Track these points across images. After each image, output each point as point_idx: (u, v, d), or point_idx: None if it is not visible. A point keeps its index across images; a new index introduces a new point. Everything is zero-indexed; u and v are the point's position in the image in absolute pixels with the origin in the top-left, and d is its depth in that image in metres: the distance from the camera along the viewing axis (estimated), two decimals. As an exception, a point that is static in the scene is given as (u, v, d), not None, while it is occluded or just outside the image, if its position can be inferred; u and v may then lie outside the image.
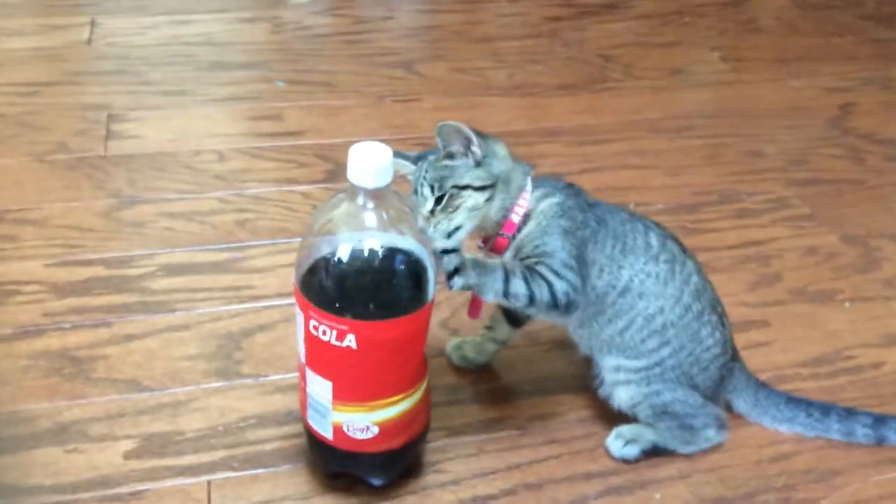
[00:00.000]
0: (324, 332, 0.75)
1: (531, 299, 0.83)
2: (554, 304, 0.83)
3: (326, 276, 0.75)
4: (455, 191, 0.83)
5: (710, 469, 0.90)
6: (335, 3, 1.84)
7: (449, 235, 0.83)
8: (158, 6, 1.74)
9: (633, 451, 0.90)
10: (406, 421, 0.81)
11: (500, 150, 0.87)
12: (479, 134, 0.85)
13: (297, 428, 0.89)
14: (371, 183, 0.73)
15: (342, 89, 1.52)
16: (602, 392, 0.91)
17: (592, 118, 1.48)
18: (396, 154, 0.85)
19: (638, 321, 0.86)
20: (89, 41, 1.62)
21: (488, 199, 0.84)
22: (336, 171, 1.30)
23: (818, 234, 1.24)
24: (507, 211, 0.86)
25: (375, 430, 0.80)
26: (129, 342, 1.00)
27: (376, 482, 0.85)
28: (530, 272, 0.83)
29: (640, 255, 0.87)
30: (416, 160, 0.87)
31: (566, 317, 0.86)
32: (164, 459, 0.87)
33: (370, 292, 0.75)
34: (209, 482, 0.85)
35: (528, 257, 0.85)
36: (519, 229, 0.86)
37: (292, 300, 0.78)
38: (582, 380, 0.96)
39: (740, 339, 1.02)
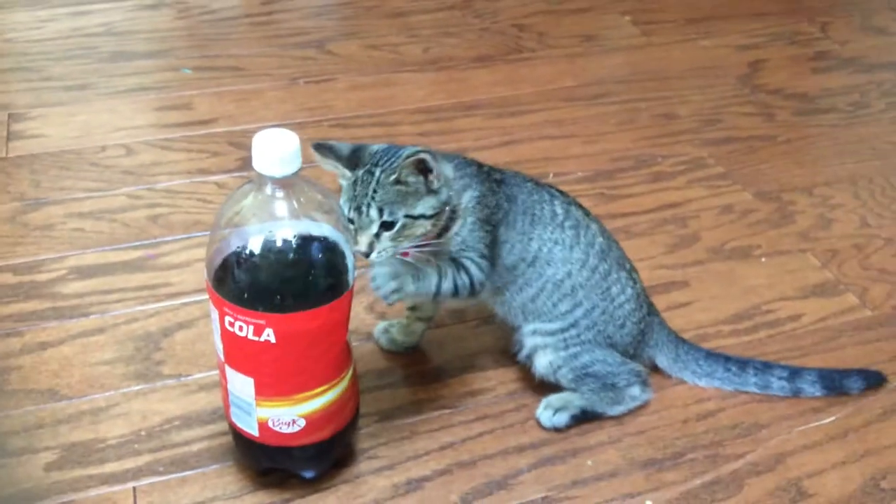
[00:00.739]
0: (240, 328, 0.73)
1: (456, 292, 0.86)
2: (472, 293, 0.87)
3: (239, 269, 0.73)
4: (408, 220, 0.80)
5: (640, 431, 0.91)
6: (241, -16, 1.79)
7: (388, 257, 0.82)
8: (55, -2, 1.67)
9: (562, 418, 0.90)
10: (333, 411, 0.80)
11: (448, 170, 0.85)
12: (436, 157, 0.82)
13: (223, 426, 0.87)
14: (278, 171, 0.71)
15: (253, 73, 1.48)
16: (522, 358, 0.92)
17: (509, 89, 1.47)
18: (325, 147, 0.82)
19: (548, 287, 0.88)
20: (-17, 38, 1.54)
21: (435, 224, 0.83)
22: (250, 159, 1.25)
23: (733, 192, 1.26)
24: (442, 224, 0.84)
25: (302, 422, 0.78)
26: (43, 350, 0.96)
27: (308, 474, 0.83)
28: (455, 266, 0.86)
29: (546, 225, 0.89)
30: (351, 157, 0.82)
31: (475, 298, 0.89)
32: (88, 469, 0.85)
33: (286, 284, 0.74)
34: (135, 489, 0.83)
35: (453, 253, 0.86)
36: (446, 227, 0.84)
37: (207, 297, 0.76)
38: (511, 354, 0.97)
39: (662, 301, 1.04)
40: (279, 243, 0.73)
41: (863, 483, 0.87)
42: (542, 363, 0.91)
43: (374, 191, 0.80)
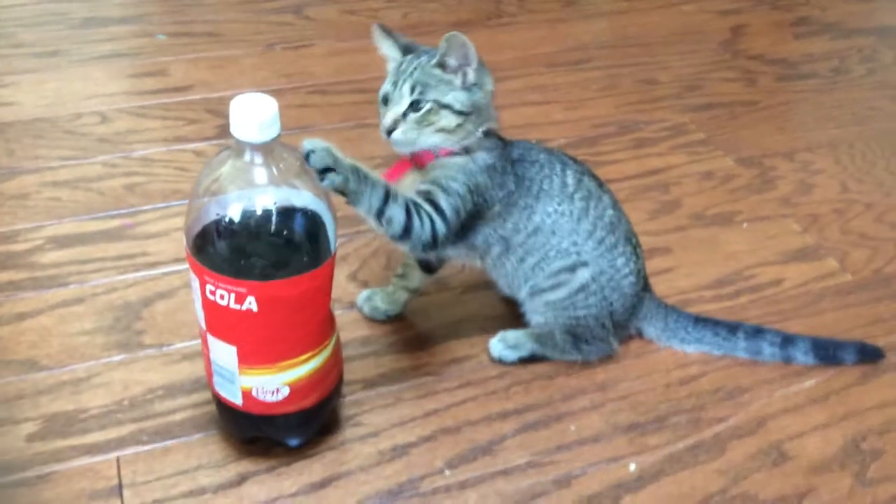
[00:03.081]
0: (221, 297, 0.72)
1: (406, 231, 0.80)
2: (431, 244, 0.82)
3: (219, 238, 0.72)
4: (435, 106, 0.82)
5: (622, 397, 0.91)
6: (216, -52, 1.75)
7: (407, 143, 0.83)
8: (24, -39, 1.62)
9: (511, 355, 0.93)
10: (317, 378, 0.79)
11: (489, 84, 0.86)
12: (480, 60, 0.84)
13: (207, 395, 0.86)
14: (257, 137, 0.70)
15: (229, 39, 1.45)
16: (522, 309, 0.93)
17: (490, 55, 1.43)
18: (387, 29, 0.86)
19: (550, 255, 0.88)
20: (-50, 3, 1.51)
21: (459, 126, 0.83)
22: (228, 127, 1.23)
23: (714, 157, 1.26)
24: (459, 144, 0.84)
25: (286, 391, 0.78)
26: (21, 321, 0.95)
27: (293, 442, 0.83)
28: (416, 206, 0.81)
29: (553, 197, 0.88)
30: (405, 49, 0.86)
31: (425, 254, 0.88)
32: (69, 439, 0.84)
33: (267, 251, 0.73)
34: (118, 458, 0.82)
35: (429, 182, 0.83)
36: (449, 156, 0.85)
37: (187, 265, 0.75)
38: (495, 320, 0.97)
39: (646, 268, 1.04)
40: (259, 211, 0.72)
41: (843, 445, 0.88)
42: (537, 321, 0.92)
43: (415, 69, 0.83)
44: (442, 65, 0.83)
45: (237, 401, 0.79)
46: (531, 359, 0.93)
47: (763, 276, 1.07)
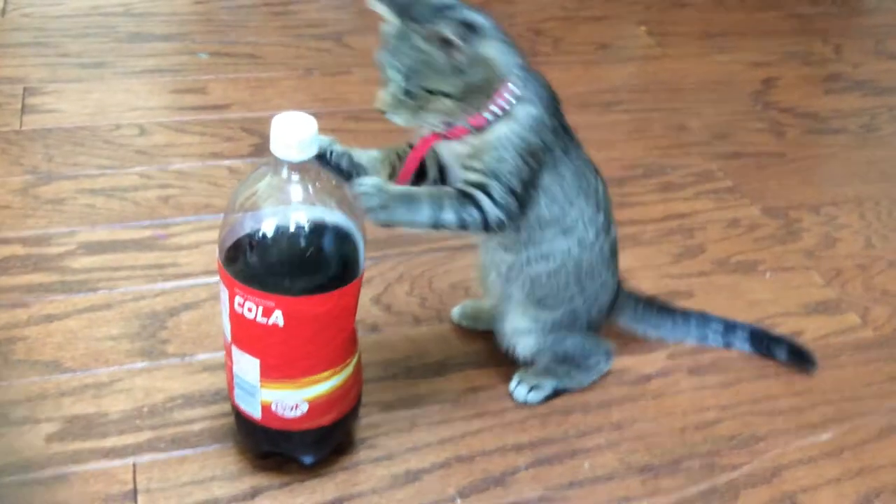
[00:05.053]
0: (249, 310, 0.73)
1: (463, 226, 0.79)
2: (485, 229, 0.80)
3: (251, 251, 0.74)
4: (424, 93, 0.75)
5: (638, 437, 0.91)
6: (261, -27, 1.80)
7: (409, 125, 0.77)
8: (75, -25, 1.67)
9: (537, 396, 0.93)
10: (336, 397, 0.80)
11: (492, 50, 0.75)
12: (476, 31, 0.74)
13: (226, 407, 0.87)
14: (296, 155, 0.72)
15: (269, 62, 1.48)
16: (506, 339, 0.92)
17: (522, 92, 1.48)
18: None
19: (568, 266, 0.86)
20: (3, 12, 1.55)
21: (460, 107, 0.76)
22: (263, 146, 1.27)
23: (740, 206, 1.27)
24: (480, 110, 0.77)
25: (305, 407, 0.79)
26: (49, 322, 0.97)
27: (307, 460, 0.84)
28: (462, 199, 0.78)
29: (590, 201, 0.85)
30: (401, 10, 0.74)
31: (491, 235, 0.84)
32: (88, 442, 0.85)
33: (297, 267, 0.74)
34: (134, 464, 0.83)
35: (474, 170, 0.79)
36: (486, 126, 0.78)
37: (218, 277, 0.76)
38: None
39: (666, 310, 1.04)
40: (292, 227, 0.74)
41: (856, 500, 0.87)
42: (527, 345, 0.91)
43: (399, 51, 0.74)
44: (421, 50, 0.74)
45: (256, 414, 0.80)
46: (553, 394, 0.94)
47: (784, 326, 1.07)
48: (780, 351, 1.01)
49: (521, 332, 0.91)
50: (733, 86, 1.57)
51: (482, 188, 0.79)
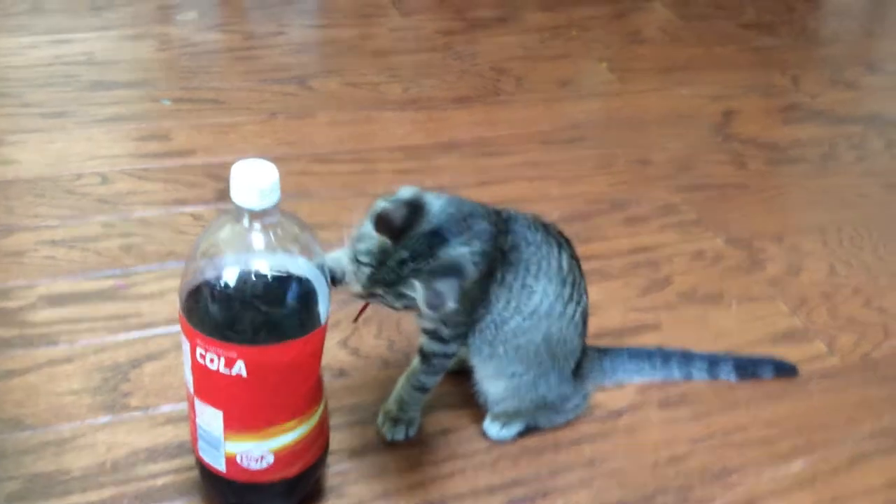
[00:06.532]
0: (211, 360, 0.72)
1: (439, 374, 0.91)
2: (456, 352, 0.89)
3: (212, 301, 0.73)
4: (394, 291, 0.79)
5: (610, 474, 0.91)
6: (224, 18, 1.80)
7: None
8: (40, 25, 1.66)
9: (509, 433, 0.92)
10: (303, 446, 0.79)
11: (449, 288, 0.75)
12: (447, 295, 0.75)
13: (190, 460, 0.85)
14: (257, 203, 0.71)
15: (233, 106, 1.48)
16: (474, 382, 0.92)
17: (487, 131, 1.49)
18: (386, 225, 0.77)
19: (537, 338, 0.87)
20: (-38, 63, 1.54)
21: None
22: (227, 191, 1.22)
23: (705, 238, 1.28)
24: None
25: (271, 458, 0.77)
26: (10, 378, 0.95)
27: (275, 511, 0.82)
28: (426, 356, 0.88)
29: (552, 279, 0.86)
30: (396, 237, 0.77)
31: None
32: (50, 500, 0.83)
33: (259, 316, 0.73)
34: (98, 522, 0.81)
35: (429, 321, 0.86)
36: None
37: (179, 328, 0.75)
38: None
39: (634, 343, 1.05)
40: (253, 276, 0.73)
41: (830, 530, 0.87)
42: (497, 388, 0.90)
43: (391, 282, 0.78)
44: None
45: (221, 467, 0.78)
46: (526, 430, 0.93)
47: (752, 356, 1.07)
48: (766, 371, 1.03)
49: (493, 379, 0.90)
50: (694, 119, 1.59)
51: (434, 335, 0.87)
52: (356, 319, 0.89)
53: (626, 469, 0.91)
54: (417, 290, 0.76)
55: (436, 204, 0.80)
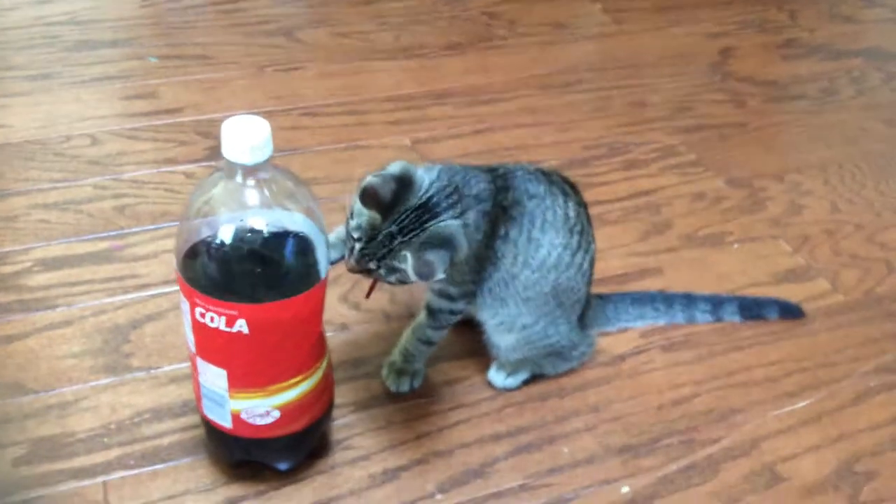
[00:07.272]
0: (212, 319, 0.71)
1: (449, 324, 0.90)
2: (464, 308, 0.88)
3: (210, 260, 0.72)
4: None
5: (615, 418, 0.91)
6: (208, -29, 1.76)
7: None
8: (17, -14, 1.63)
9: (514, 382, 0.92)
10: (308, 402, 0.79)
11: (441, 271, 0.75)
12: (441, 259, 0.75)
13: (195, 419, 0.85)
14: (249, 159, 0.70)
15: (220, 62, 1.45)
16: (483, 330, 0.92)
17: (481, 78, 1.47)
18: (372, 199, 0.76)
19: (546, 289, 0.86)
20: (-59, 26, 1.51)
21: None
22: (218, 148, 1.21)
23: (705, 179, 1.27)
24: None
25: (276, 414, 0.77)
26: (9, 343, 0.94)
27: (283, 466, 0.82)
28: (433, 313, 0.88)
29: (559, 230, 0.85)
30: (385, 210, 0.77)
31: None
32: (56, 463, 0.83)
33: (258, 274, 0.72)
34: (105, 483, 0.81)
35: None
36: None
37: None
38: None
39: (636, 288, 1.04)
40: (250, 233, 0.72)
41: (837, 466, 0.87)
42: (508, 341, 0.90)
43: (383, 255, 0.78)
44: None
45: (226, 424, 0.78)
46: (531, 378, 0.93)
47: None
48: (771, 312, 1.02)
49: (504, 332, 0.90)
50: (691, 58, 1.57)
51: (442, 293, 0.86)
52: (368, 296, 0.88)
53: (631, 413, 0.91)
54: (407, 261, 0.76)
55: (425, 178, 0.79)
